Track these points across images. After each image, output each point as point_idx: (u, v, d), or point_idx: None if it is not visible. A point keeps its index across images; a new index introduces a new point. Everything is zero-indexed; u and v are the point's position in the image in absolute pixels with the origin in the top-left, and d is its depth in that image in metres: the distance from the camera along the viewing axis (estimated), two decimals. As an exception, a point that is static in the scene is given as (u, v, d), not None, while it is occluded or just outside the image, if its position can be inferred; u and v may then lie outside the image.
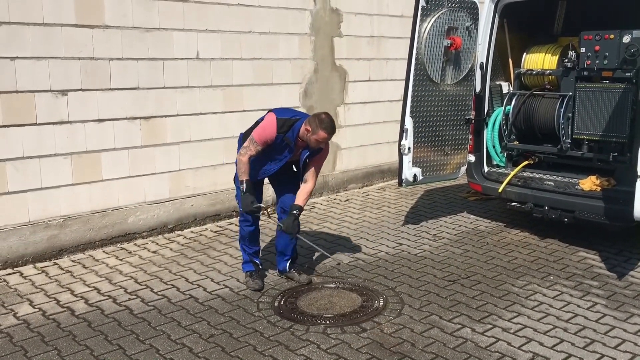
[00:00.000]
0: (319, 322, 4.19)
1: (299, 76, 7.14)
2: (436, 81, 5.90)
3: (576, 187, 5.73)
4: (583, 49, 5.78)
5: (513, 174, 6.12)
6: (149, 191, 5.96)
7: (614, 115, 5.59)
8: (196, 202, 6.33)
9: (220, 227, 6.35)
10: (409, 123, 5.77)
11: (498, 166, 6.53)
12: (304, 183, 4.65)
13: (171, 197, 6.14)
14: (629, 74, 5.50)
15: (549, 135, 6.14)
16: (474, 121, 6.34)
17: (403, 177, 5.85)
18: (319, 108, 7.11)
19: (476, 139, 6.42)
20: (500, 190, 6.04)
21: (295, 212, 4.55)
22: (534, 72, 6.43)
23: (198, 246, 5.75)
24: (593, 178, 5.70)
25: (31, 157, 5.17)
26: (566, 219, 5.60)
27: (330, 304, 4.48)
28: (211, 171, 6.42)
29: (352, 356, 3.75)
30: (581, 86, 5.86)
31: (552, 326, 4.14)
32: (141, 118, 5.82)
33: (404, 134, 5.77)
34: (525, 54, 6.56)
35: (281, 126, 4.42)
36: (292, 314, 4.31)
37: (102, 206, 5.65)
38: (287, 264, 4.91)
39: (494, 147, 6.46)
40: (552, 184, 5.89)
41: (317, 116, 4.40)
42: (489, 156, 6.49)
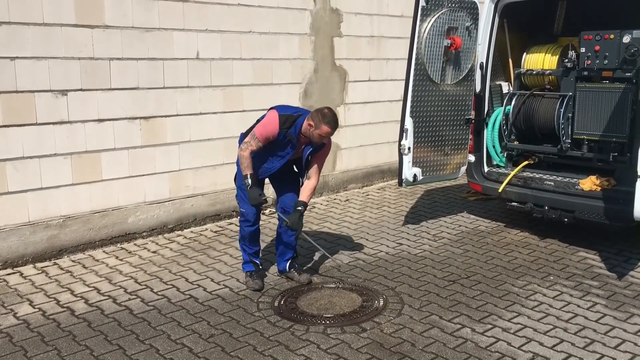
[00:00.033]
0: (319, 322, 4.19)
1: (299, 76, 7.14)
2: (436, 81, 5.90)
3: (576, 187, 5.73)
4: (583, 49, 5.78)
5: (513, 174, 6.12)
6: (149, 191, 5.96)
7: (614, 115, 5.59)
8: (196, 202, 6.34)
9: (220, 227, 6.35)
10: (409, 123, 5.77)
11: (498, 166, 6.53)
12: (308, 180, 4.66)
13: (171, 197, 6.14)
14: (629, 74, 5.50)
15: (549, 135, 6.14)
16: (474, 121, 6.34)
17: (403, 177, 5.85)
18: (319, 108, 7.11)
19: (476, 139, 6.42)
20: (500, 190, 6.04)
21: (300, 208, 4.56)
22: (534, 72, 6.43)
23: (198, 246, 5.75)
24: (593, 178, 5.71)
25: (31, 157, 5.17)
26: (566, 219, 5.60)
27: (330, 304, 4.47)
28: (211, 171, 6.42)
29: (352, 356, 3.75)
30: (581, 86, 5.86)
31: (552, 326, 4.14)
32: (141, 118, 5.82)
33: (404, 134, 5.77)
34: (525, 54, 6.56)
35: (284, 122, 4.41)
36: (292, 314, 4.31)
37: (102, 206, 5.66)
38: (287, 264, 4.91)
39: (494, 147, 6.46)
40: (552, 184, 5.89)
41: (320, 111, 4.40)
42: (489, 156, 6.49)
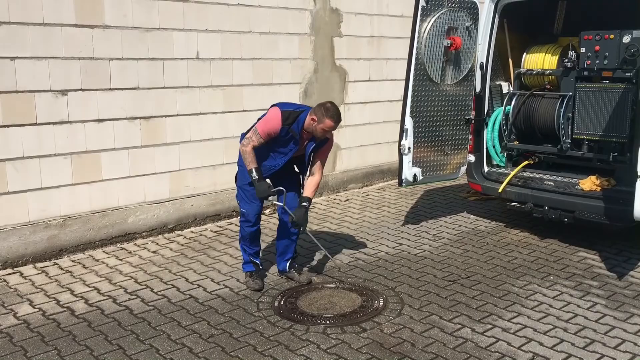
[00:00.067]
0: (319, 322, 4.19)
1: (299, 76, 7.14)
2: (436, 81, 5.90)
3: (576, 187, 5.73)
4: (583, 49, 5.78)
5: (513, 174, 6.12)
6: (149, 191, 5.96)
7: (614, 115, 5.59)
8: (196, 202, 6.33)
9: (220, 227, 6.35)
10: (409, 123, 5.77)
11: (498, 166, 6.53)
12: (312, 176, 4.68)
13: (171, 197, 6.14)
14: (629, 74, 5.50)
15: (549, 135, 6.13)
16: (474, 121, 6.34)
17: (403, 177, 5.85)
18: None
19: (476, 139, 6.42)
20: (500, 190, 6.04)
21: (305, 203, 4.58)
22: (534, 72, 6.42)
23: (198, 246, 5.75)
24: (593, 178, 5.70)
25: (31, 157, 5.17)
26: (566, 219, 5.59)
27: (330, 304, 4.47)
28: (211, 171, 6.42)
29: (352, 356, 3.75)
30: (581, 86, 5.86)
31: (552, 326, 4.14)
32: (141, 118, 5.82)
33: (404, 134, 5.77)
34: (525, 54, 6.55)
35: (286, 118, 4.41)
36: (292, 314, 4.31)
37: (102, 206, 5.66)
38: (287, 264, 4.91)
39: (494, 147, 6.46)
40: (552, 184, 5.89)
41: (323, 105, 4.40)
42: (489, 156, 6.49)
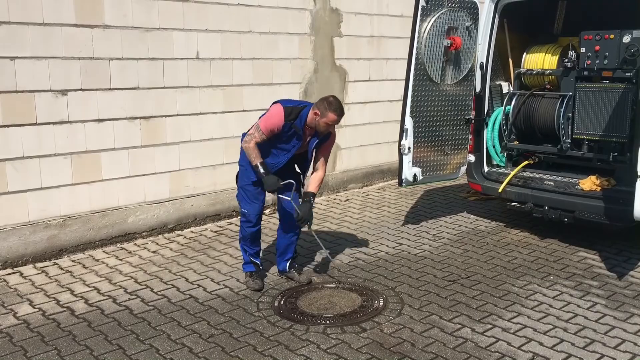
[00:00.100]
0: (319, 322, 4.19)
1: (298, 76, 7.13)
2: (436, 81, 5.90)
3: (576, 187, 5.73)
4: (583, 49, 5.78)
5: (513, 174, 6.12)
6: (148, 191, 5.96)
7: (614, 115, 5.59)
8: (196, 202, 6.33)
9: (220, 227, 6.35)
10: (409, 123, 5.77)
11: (498, 166, 6.53)
12: (315, 172, 4.69)
13: (171, 197, 6.14)
14: (629, 74, 5.50)
15: (549, 135, 6.13)
16: (474, 121, 6.34)
17: (403, 177, 5.85)
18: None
19: (476, 139, 6.42)
20: (500, 190, 6.04)
21: (309, 198, 4.58)
22: (534, 72, 6.42)
23: (198, 246, 5.75)
24: (593, 178, 5.70)
25: (31, 157, 5.17)
26: (566, 219, 5.59)
27: (330, 304, 4.47)
28: (211, 171, 6.42)
29: (352, 356, 3.75)
30: (581, 86, 5.86)
31: (552, 326, 4.14)
32: (141, 118, 5.81)
33: (404, 133, 5.77)
34: (525, 54, 6.55)
35: (289, 114, 4.41)
36: (292, 314, 4.31)
37: (102, 206, 5.65)
38: (287, 264, 4.91)
39: (494, 147, 6.46)
40: (552, 184, 5.90)
41: (325, 99, 4.41)
42: (489, 156, 6.49)
